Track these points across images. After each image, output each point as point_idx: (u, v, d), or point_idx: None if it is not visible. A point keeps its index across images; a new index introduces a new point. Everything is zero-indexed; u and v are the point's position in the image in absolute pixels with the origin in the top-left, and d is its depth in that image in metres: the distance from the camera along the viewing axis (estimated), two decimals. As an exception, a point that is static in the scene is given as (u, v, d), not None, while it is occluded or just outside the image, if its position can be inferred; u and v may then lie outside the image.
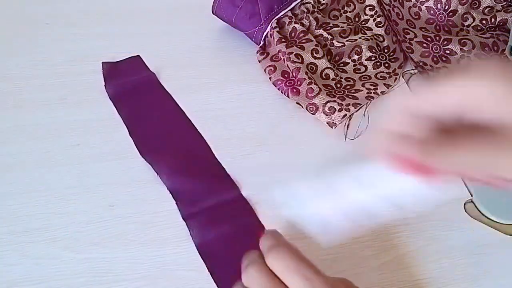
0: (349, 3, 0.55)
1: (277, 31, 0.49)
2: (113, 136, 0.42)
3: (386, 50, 0.52)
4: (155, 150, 0.40)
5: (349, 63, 0.50)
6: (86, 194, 0.38)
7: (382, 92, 0.47)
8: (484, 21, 0.53)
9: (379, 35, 0.53)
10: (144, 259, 0.34)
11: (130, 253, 0.34)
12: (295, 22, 0.49)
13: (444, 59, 0.51)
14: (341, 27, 0.52)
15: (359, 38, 0.51)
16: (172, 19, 0.55)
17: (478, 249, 0.36)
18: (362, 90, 0.47)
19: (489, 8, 0.53)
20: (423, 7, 0.55)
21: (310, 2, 0.52)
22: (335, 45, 0.50)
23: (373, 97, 0.46)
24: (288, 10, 0.50)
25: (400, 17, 0.55)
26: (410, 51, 0.51)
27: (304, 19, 0.51)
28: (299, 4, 0.51)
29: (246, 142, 0.42)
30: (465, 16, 0.54)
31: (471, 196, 0.39)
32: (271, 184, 0.32)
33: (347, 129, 0.44)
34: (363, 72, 0.50)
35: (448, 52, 0.51)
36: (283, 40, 0.48)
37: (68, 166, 0.39)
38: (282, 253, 0.26)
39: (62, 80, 0.46)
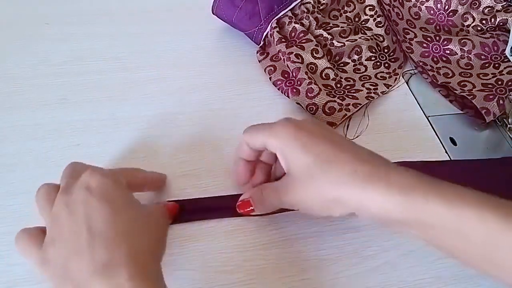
0: (349, 3, 0.55)
1: (277, 31, 0.49)
2: (113, 136, 0.42)
3: (386, 50, 0.52)
4: None
5: (349, 63, 0.50)
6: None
7: (382, 92, 0.47)
8: (484, 21, 0.53)
9: (379, 35, 0.53)
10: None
11: (130, 253, 0.34)
12: (295, 22, 0.49)
13: (444, 59, 0.51)
14: (341, 27, 0.52)
15: (359, 38, 0.51)
16: (172, 19, 0.55)
17: (478, 249, 0.36)
18: (362, 90, 0.47)
19: (489, 8, 0.53)
20: (423, 7, 0.55)
21: (310, 2, 0.52)
22: (335, 45, 0.50)
23: (373, 97, 0.46)
24: (288, 10, 0.50)
25: (400, 17, 0.55)
26: (410, 51, 0.51)
27: (304, 19, 0.51)
28: (299, 4, 0.51)
29: (246, 142, 0.42)
30: (465, 16, 0.54)
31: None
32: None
33: (347, 129, 0.44)
34: (363, 72, 0.50)
35: (448, 52, 0.51)
36: (283, 40, 0.48)
37: (68, 166, 0.39)
38: None
39: (62, 80, 0.46)
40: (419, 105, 0.48)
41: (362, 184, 0.27)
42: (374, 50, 0.51)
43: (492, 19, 0.52)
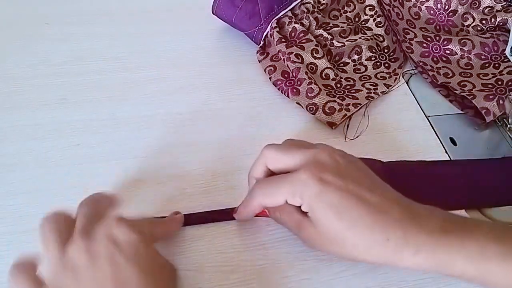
0: (349, 3, 0.55)
1: (277, 31, 0.49)
2: (113, 136, 0.42)
3: (386, 50, 0.52)
4: None
5: (349, 63, 0.50)
6: (86, 194, 0.37)
7: (382, 92, 0.47)
8: (484, 21, 0.53)
9: (379, 35, 0.53)
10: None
11: (130, 253, 0.34)
12: (295, 22, 0.49)
13: (444, 59, 0.51)
14: (341, 27, 0.52)
15: (359, 38, 0.51)
16: (172, 19, 0.55)
17: (478, 249, 0.36)
18: (362, 90, 0.47)
19: (489, 8, 0.53)
20: (423, 7, 0.55)
21: (310, 2, 0.52)
22: (335, 45, 0.50)
23: (373, 97, 0.46)
24: (288, 10, 0.50)
25: (400, 17, 0.55)
26: (410, 51, 0.51)
27: (304, 19, 0.51)
28: (299, 4, 0.51)
29: (246, 142, 0.42)
30: (465, 16, 0.54)
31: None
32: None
33: (347, 129, 0.44)
34: (363, 72, 0.50)
35: (448, 52, 0.51)
36: (283, 40, 0.48)
37: (68, 166, 0.39)
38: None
39: (62, 80, 0.46)
40: (419, 105, 0.48)
41: (393, 252, 0.29)
42: (374, 50, 0.51)
43: (492, 19, 0.52)
